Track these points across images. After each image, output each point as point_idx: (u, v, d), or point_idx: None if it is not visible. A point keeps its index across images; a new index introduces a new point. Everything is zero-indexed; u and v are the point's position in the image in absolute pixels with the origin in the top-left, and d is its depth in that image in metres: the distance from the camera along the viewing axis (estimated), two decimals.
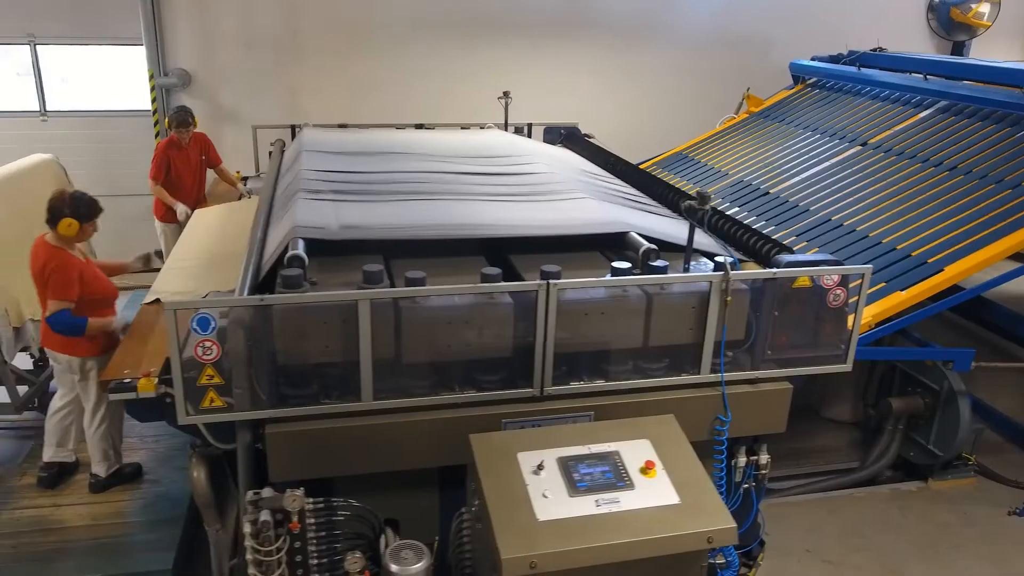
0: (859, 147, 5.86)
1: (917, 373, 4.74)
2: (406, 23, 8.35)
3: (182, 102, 8.04)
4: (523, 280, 3.36)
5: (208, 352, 2.92)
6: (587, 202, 4.23)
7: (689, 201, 3.47)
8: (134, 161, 7.84)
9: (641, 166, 7.24)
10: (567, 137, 7.02)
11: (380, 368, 3.17)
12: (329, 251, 3.63)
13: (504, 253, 3.82)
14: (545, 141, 7.13)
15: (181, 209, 6.06)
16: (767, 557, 4.02)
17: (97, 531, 3.98)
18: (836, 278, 3.59)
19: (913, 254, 4.42)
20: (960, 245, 4.33)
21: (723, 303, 3.35)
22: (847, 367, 3.70)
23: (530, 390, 3.32)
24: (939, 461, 4.69)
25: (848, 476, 4.83)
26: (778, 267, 3.57)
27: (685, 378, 3.48)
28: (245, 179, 6.63)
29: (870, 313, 4.09)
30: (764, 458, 3.71)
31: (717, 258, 3.54)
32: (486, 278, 3.25)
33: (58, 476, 4.31)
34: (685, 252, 3.55)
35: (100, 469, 4.19)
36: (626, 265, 3.40)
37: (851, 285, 3.55)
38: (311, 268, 3.52)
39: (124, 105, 7.97)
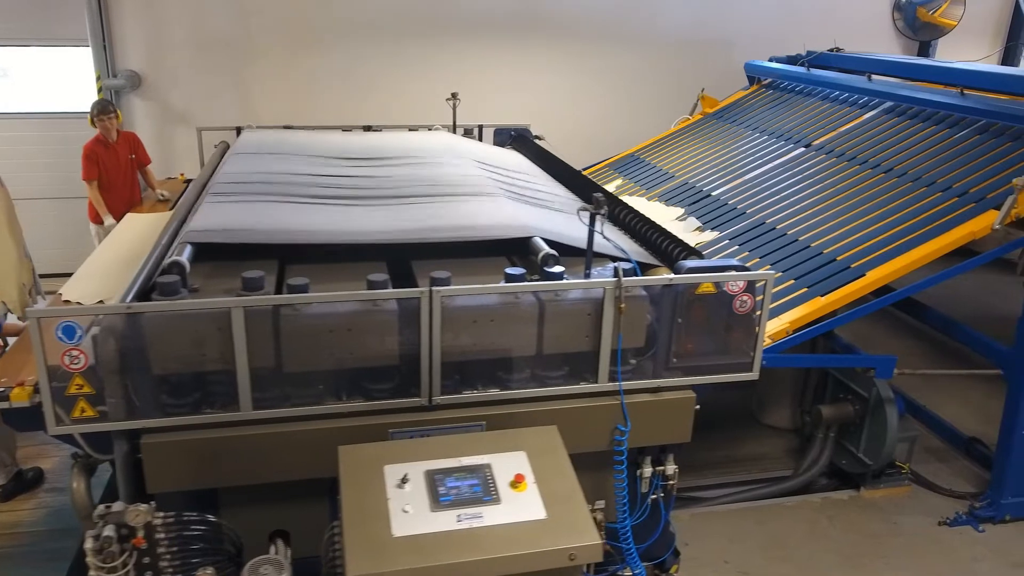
0: (803, 149, 5.80)
1: (847, 380, 4.66)
2: (361, 24, 8.30)
3: (132, 104, 8.00)
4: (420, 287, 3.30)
5: (75, 361, 2.87)
6: (504, 206, 4.17)
7: (585, 205, 3.40)
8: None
9: (594, 167, 7.20)
10: (516, 139, 6.96)
11: (261, 377, 3.12)
12: (228, 256, 3.58)
13: (408, 258, 3.76)
14: (495, 142, 7.08)
15: (108, 222, 6.00)
16: (682, 569, 3.96)
17: None
18: (741, 284, 3.53)
19: (838, 258, 4.35)
20: (885, 249, 4.26)
21: (617, 310, 3.28)
22: (753, 375, 3.64)
23: (418, 399, 3.25)
24: (870, 469, 4.62)
25: (779, 485, 4.74)
26: (680, 272, 3.50)
27: (582, 387, 3.42)
28: (188, 182, 6.57)
29: (788, 319, 4.02)
30: (671, 468, 3.65)
31: (616, 264, 3.47)
32: (372, 285, 3.19)
33: None
34: (586, 257, 3.48)
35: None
36: (519, 271, 3.34)
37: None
38: (204, 273, 3.48)
39: (72, 107, 7.89)
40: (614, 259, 3.73)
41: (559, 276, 3.36)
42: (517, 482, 2.72)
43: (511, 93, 8.68)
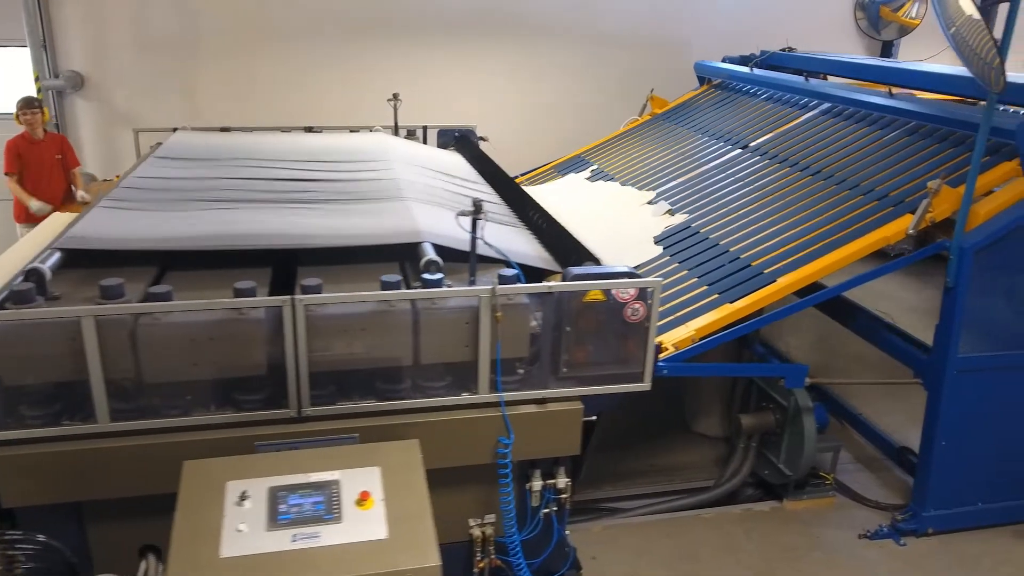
0: (739, 150, 5.72)
1: (769, 388, 4.57)
2: (307, 25, 8.24)
3: (75, 105, 7.92)
4: None
5: None
6: (409, 211, 4.08)
7: (464, 209, 3.32)
8: None
9: (540, 169, 7.12)
10: (459, 140, 6.88)
11: (120, 388, 3.04)
12: (107, 263, 3.50)
13: (296, 264, 3.67)
14: (439, 144, 7.03)
15: (36, 206, 5.91)
16: None
17: None
18: (632, 292, 3.44)
19: (753, 264, 4.27)
20: (799, 255, 4.17)
21: (494, 319, 3.19)
22: (645, 386, 3.55)
23: (287, 411, 3.16)
24: (790, 480, 4.52)
25: (698, 496, 4.65)
26: (566, 279, 3.41)
27: (462, 398, 3.34)
28: None
29: (695, 326, 3.92)
30: (563, 481, 3.55)
31: (501, 271, 3.39)
32: (238, 293, 3.11)
33: None
34: (470, 263, 3.39)
35: None
36: (395, 279, 3.25)
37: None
38: (74, 281, 3.40)
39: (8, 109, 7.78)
40: (509, 264, 3.64)
41: (438, 284, 3.27)
42: (363, 500, 2.63)
43: (462, 94, 8.61)
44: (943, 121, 4.67)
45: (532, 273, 3.75)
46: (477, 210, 3.28)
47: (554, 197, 6.01)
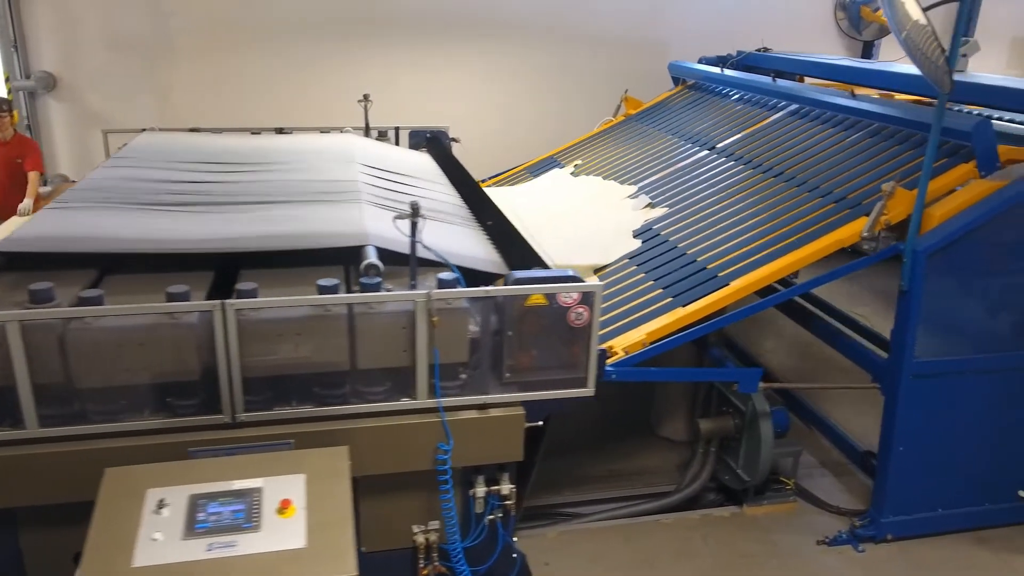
0: (706, 152, 5.69)
1: (728, 392, 4.53)
2: (281, 25, 8.22)
3: (47, 106, 7.90)
4: None
5: None
6: (360, 213, 4.04)
7: (401, 211, 3.29)
8: None
9: (513, 171, 7.10)
10: (430, 141, 6.85)
11: (50, 393, 3.01)
12: (49, 266, 3.47)
13: (241, 267, 3.64)
14: (410, 145, 6.99)
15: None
16: None
17: None
18: (576, 296, 3.40)
19: (709, 267, 4.24)
20: (755, 258, 4.14)
21: (430, 323, 3.16)
22: (589, 391, 3.51)
23: (220, 417, 3.13)
24: (749, 485, 4.48)
25: (657, 501, 4.61)
26: (508, 283, 3.38)
27: (400, 403, 3.31)
28: None
29: (645, 331, 3.89)
30: (507, 488, 3.52)
31: (440, 275, 3.36)
32: (171, 297, 3.07)
33: None
34: (410, 267, 3.36)
35: None
36: (332, 282, 3.21)
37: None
38: (10, 284, 3.37)
39: None
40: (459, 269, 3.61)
41: (376, 288, 3.24)
42: (283, 508, 2.60)
43: (439, 95, 8.59)
44: (904, 123, 4.65)
45: (482, 277, 3.73)
46: (415, 213, 3.25)
47: (523, 199, 6.00)
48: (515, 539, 3.77)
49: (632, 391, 5.91)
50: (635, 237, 4.90)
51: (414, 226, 3.30)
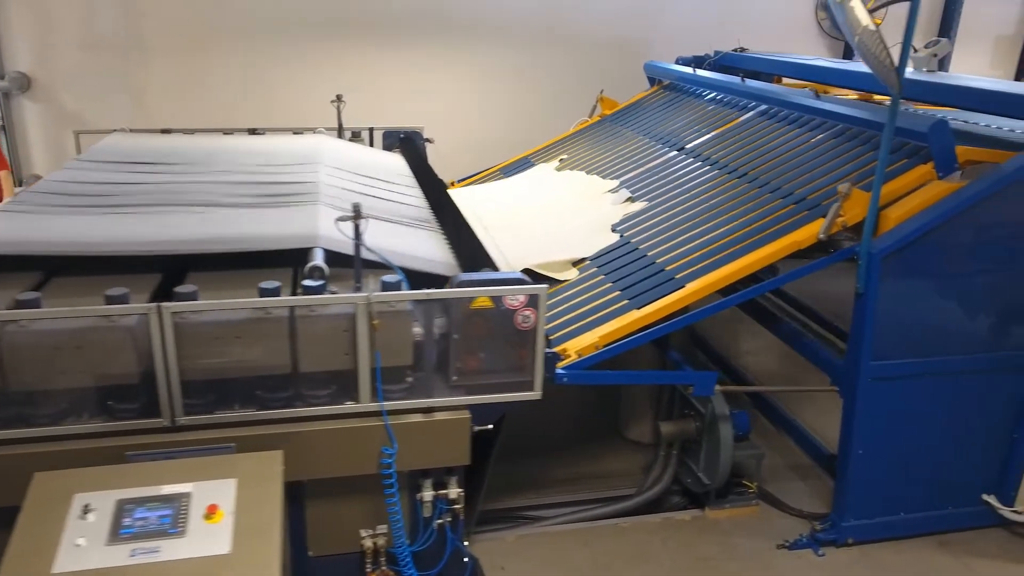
0: (675, 152, 5.67)
1: (689, 395, 4.51)
2: (256, 25, 8.19)
3: (22, 106, 7.87)
4: None
5: None
6: (315, 215, 4.02)
7: (344, 214, 3.27)
8: None
9: (487, 172, 7.08)
10: (404, 141, 6.84)
11: None
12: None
13: (191, 269, 3.63)
14: (384, 145, 6.98)
15: None
16: None
17: None
18: (522, 299, 3.39)
19: (667, 268, 4.22)
20: (711, 260, 4.13)
21: (371, 327, 3.14)
22: (536, 395, 3.50)
23: (159, 420, 3.12)
24: (710, 488, 4.47)
25: (618, 504, 4.60)
26: (452, 286, 3.37)
27: (343, 407, 3.29)
28: None
29: (599, 334, 3.87)
30: (455, 492, 3.51)
31: (384, 277, 3.35)
32: (110, 300, 3.06)
33: None
34: (354, 269, 3.34)
35: None
36: (274, 285, 3.20)
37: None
38: None
39: None
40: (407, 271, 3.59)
41: (319, 290, 3.23)
42: (211, 513, 2.59)
43: (415, 95, 8.57)
44: (867, 124, 4.63)
45: (436, 279, 3.71)
46: (357, 214, 3.24)
47: (505, 195, 6.00)
48: (466, 543, 3.76)
49: (602, 393, 5.91)
50: (613, 231, 4.88)
51: (357, 228, 3.29)
